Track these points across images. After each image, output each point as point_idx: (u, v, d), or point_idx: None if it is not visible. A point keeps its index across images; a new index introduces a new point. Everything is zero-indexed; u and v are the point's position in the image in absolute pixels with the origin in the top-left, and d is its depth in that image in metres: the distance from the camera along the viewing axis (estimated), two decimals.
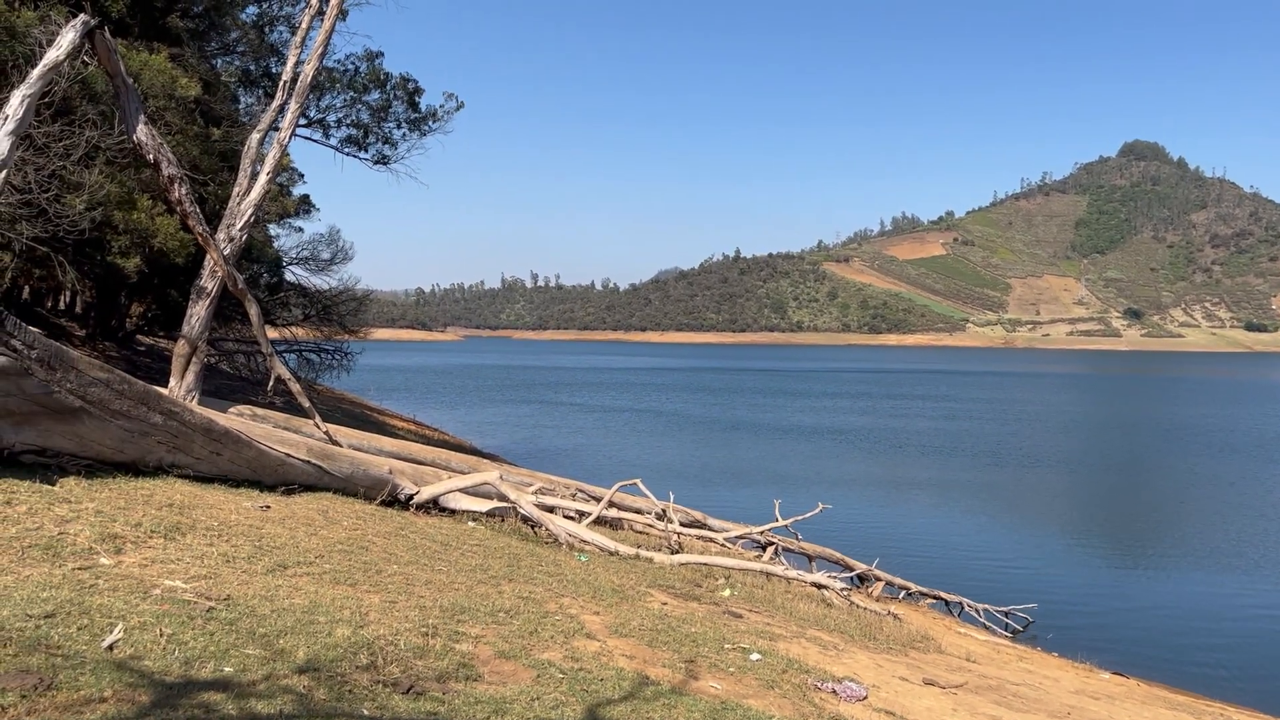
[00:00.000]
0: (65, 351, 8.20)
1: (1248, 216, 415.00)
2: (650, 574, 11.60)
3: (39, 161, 12.34)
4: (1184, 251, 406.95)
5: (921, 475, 35.99)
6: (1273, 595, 20.08)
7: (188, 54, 21.91)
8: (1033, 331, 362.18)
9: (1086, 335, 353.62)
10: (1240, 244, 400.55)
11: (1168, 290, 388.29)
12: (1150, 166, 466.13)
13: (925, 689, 8.58)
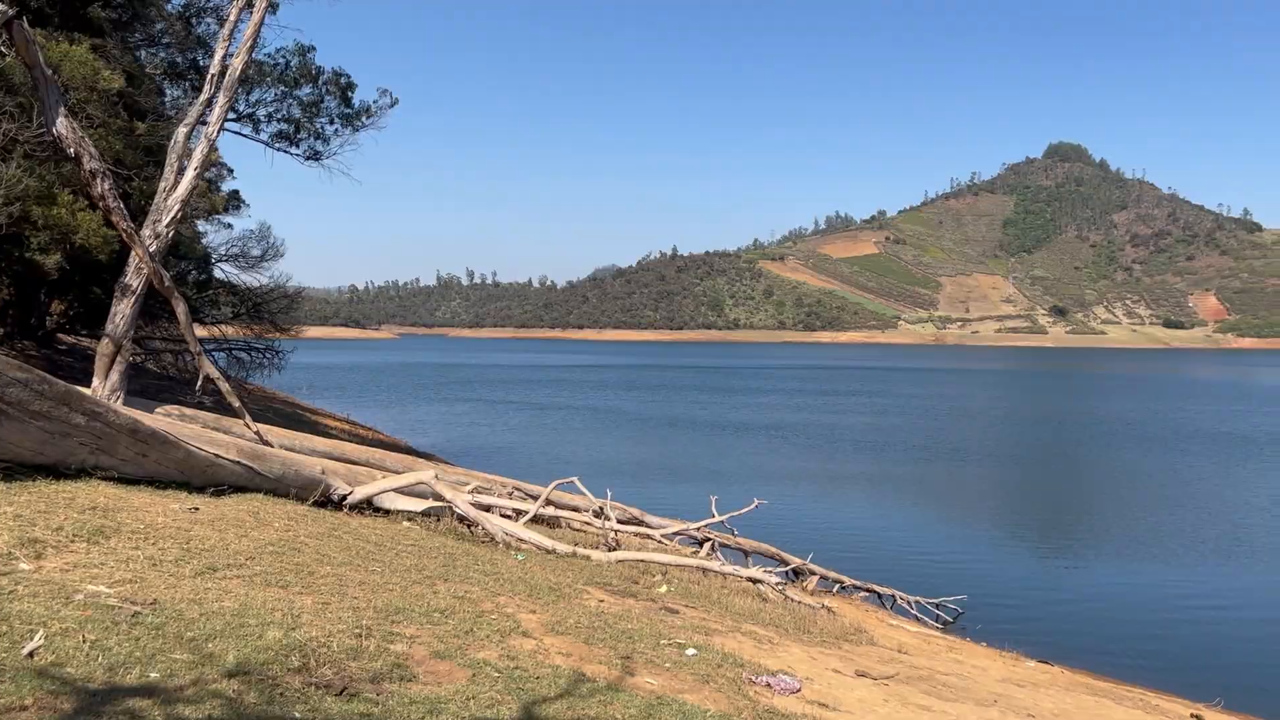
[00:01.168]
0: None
1: (1166, 217, 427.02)
2: (587, 571, 11.58)
3: None
4: (1106, 251, 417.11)
5: (855, 470, 36.41)
6: (1190, 584, 20.62)
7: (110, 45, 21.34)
8: (963, 329, 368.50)
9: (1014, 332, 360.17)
10: (1159, 244, 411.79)
11: (1091, 288, 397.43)
12: (1074, 168, 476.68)
13: (858, 680, 8.70)
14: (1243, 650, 16.67)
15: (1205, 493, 32.90)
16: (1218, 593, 20.07)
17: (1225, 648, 16.84)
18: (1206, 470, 38.70)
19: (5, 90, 14.46)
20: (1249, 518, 28.26)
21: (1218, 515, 28.68)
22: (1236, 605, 19.17)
